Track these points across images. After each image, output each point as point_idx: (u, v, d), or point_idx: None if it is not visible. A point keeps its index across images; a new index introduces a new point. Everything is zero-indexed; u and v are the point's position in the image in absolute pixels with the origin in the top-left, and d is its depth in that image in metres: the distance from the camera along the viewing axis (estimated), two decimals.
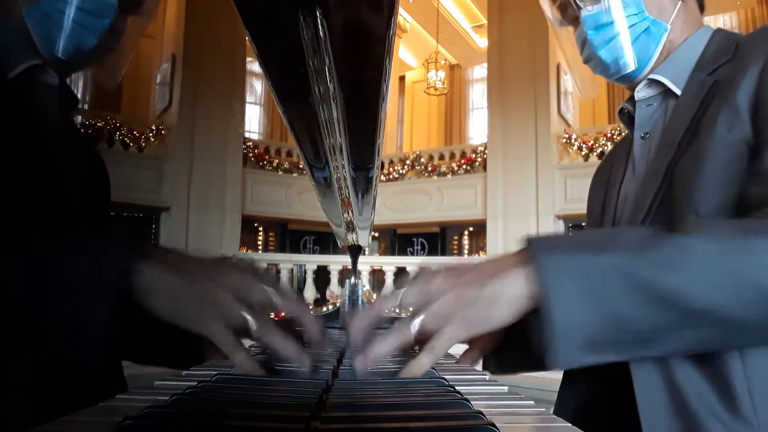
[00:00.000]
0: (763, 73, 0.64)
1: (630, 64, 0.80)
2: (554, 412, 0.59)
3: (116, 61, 0.84)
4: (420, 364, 0.52)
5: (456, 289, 0.51)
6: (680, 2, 0.81)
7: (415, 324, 0.51)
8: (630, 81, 0.84)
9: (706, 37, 0.80)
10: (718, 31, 0.81)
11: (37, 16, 0.71)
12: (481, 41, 12.99)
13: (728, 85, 0.68)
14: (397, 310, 0.87)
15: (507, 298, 0.50)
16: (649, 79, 0.81)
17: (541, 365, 0.51)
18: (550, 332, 0.48)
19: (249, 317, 0.50)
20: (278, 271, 7.16)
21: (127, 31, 0.79)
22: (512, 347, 0.61)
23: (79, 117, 8.18)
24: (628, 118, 0.87)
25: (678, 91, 0.77)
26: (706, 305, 0.48)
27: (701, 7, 0.86)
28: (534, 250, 0.50)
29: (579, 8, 0.81)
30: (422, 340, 0.53)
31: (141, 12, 0.81)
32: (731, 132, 0.65)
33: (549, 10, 0.88)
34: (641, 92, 0.82)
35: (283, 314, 0.69)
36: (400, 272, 6.81)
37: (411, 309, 0.53)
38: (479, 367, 0.70)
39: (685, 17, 0.81)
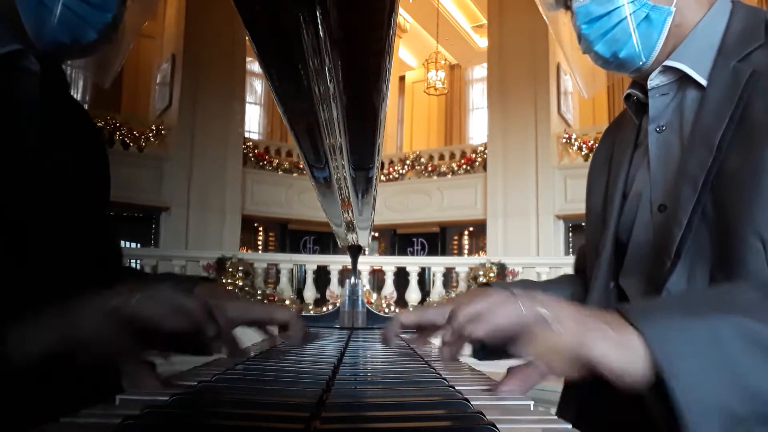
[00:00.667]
0: None
1: (631, 58, 0.73)
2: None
3: (112, 56, 0.79)
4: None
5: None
6: None
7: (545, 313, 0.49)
8: (637, 71, 0.76)
9: (725, 14, 0.71)
10: (739, 6, 0.72)
11: (31, 2, 0.64)
12: (481, 41, 12.98)
13: None
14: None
15: (631, 352, 0.46)
16: (664, 65, 0.73)
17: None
18: (683, 416, 0.42)
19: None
20: (278, 271, 7.16)
21: (126, 22, 0.73)
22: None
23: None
24: (636, 105, 0.80)
25: (702, 80, 0.69)
26: None
27: None
28: (637, 316, 0.47)
29: None
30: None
31: None
32: None
33: None
34: (655, 80, 0.74)
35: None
36: (400, 272, 6.81)
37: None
38: (480, 366, 0.69)
39: None
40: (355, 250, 1.37)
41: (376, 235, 11.57)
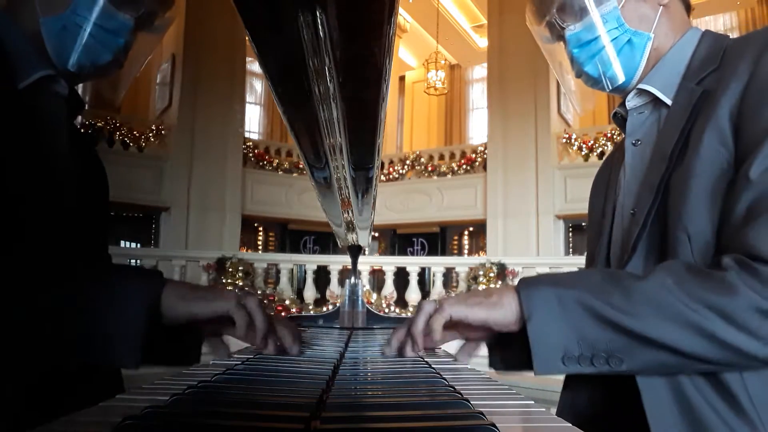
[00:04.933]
0: (746, 92, 0.65)
1: (617, 76, 0.81)
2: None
3: (123, 77, 0.87)
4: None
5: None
6: (661, 8, 0.80)
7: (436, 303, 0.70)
8: (622, 91, 0.85)
9: (694, 42, 0.80)
10: (707, 35, 0.80)
11: (55, 28, 0.72)
12: (481, 41, 12.97)
13: (713, 98, 0.69)
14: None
15: (505, 309, 0.67)
16: (638, 88, 0.82)
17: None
18: (533, 348, 0.63)
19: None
20: (278, 271, 7.16)
21: (136, 48, 0.82)
22: (514, 351, 0.71)
23: (80, 118, 8.18)
24: (621, 122, 0.88)
25: (668, 101, 0.78)
26: (656, 336, 0.60)
27: (687, 8, 0.85)
28: (520, 284, 0.67)
29: (562, 28, 0.83)
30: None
31: (153, 30, 0.84)
32: (719, 152, 0.66)
33: (538, 31, 0.90)
34: (632, 101, 0.84)
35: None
36: (400, 272, 6.81)
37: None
38: (480, 367, 0.70)
39: (669, 22, 0.81)
40: (355, 250, 1.37)
41: (376, 235, 11.57)
